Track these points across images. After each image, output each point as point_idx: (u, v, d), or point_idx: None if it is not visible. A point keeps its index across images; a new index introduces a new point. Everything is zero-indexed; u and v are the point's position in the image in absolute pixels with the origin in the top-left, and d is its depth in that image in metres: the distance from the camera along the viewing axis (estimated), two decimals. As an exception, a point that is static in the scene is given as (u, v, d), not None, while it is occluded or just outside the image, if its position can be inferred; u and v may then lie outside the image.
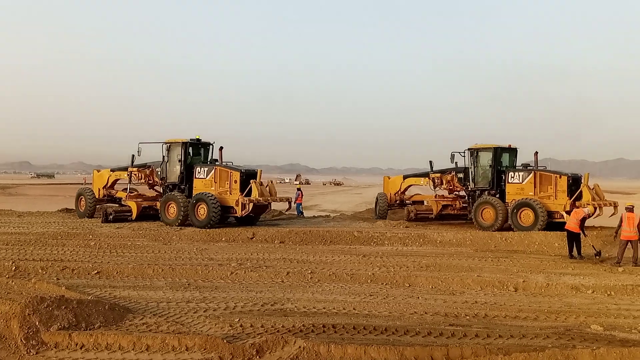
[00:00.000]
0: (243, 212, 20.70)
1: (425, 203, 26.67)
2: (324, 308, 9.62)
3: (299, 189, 30.09)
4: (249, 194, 20.82)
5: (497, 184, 22.55)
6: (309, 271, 12.67)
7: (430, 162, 25.67)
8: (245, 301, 10.04)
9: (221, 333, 7.94)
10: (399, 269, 13.35)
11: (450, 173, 24.48)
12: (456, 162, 23.45)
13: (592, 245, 15.70)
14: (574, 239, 15.66)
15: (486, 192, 22.63)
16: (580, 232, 15.65)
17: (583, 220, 15.80)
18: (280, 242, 17.75)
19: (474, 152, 23.19)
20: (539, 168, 22.48)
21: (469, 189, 23.66)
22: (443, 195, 25.41)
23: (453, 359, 6.20)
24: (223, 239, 18.29)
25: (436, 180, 24.94)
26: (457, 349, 6.53)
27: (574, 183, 21.05)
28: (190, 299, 10.15)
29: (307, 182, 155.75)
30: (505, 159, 23.16)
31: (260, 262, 14.08)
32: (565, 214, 18.09)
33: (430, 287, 11.68)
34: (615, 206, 21.02)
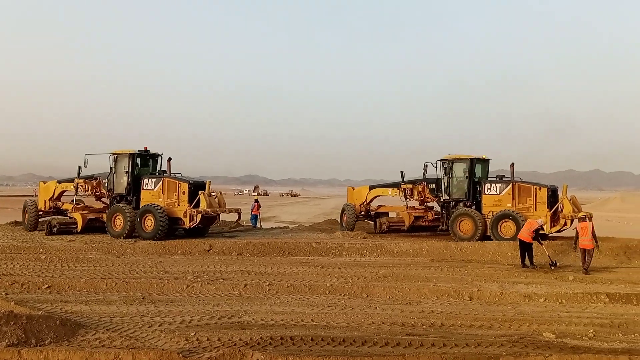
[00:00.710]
0: (191, 224, 20.56)
1: (395, 214, 26.41)
2: (282, 320, 9.58)
3: (255, 200, 29.90)
4: (197, 205, 20.66)
5: (473, 195, 22.41)
6: (267, 283, 12.60)
7: (402, 172, 25.07)
8: (202, 314, 9.90)
9: (177, 347, 7.81)
10: (357, 279, 13.40)
11: (421, 184, 24.03)
12: (423, 173, 23.40)
13: (548, 255, 16.11)
14: (526, 249, 16.06)
15: (461, 204, 22.44)
16: (532, 242, 16.09)
17: (537, 231, 16.23)
18: (237, 254, 17.59)
19: (449, 163, 22.92)
20: (515, 179, 22.19)
21: (442, 200, 23.39)
22: (414, 206, 25.09)
23: (408, 369, 6.26)
24: (179, 251, 18.00)
25: (407, 191, 24.28)
26: (414, 358, 6.60)
27: (553, 195, 21.17)
28: (145, 313, 9.95)
29: (266, 194, 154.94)
30: (479, 170, 23.06)
31: (217, 274, 13.92)
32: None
33: (388, 297, 11.77)
34: (590, 218, 21.10)
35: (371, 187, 26.72)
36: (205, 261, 16.13)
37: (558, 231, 20.61)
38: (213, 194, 21.93)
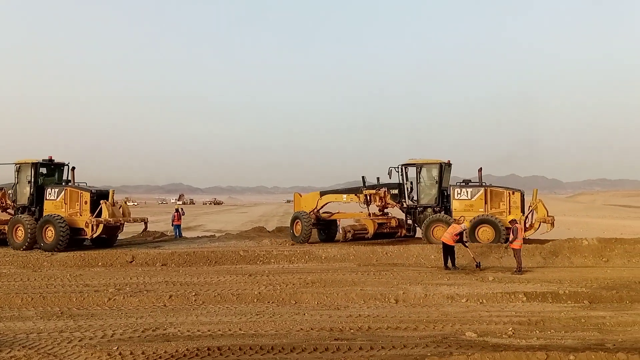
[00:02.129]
0: (92, 234, 20.17)
1: (355, 221, 25.18)
2: (209, 330, 9.39)
3: (177, 209, 29.13)
4: (99, 214, 20.24)
5: (441, 201, 22.23)
6: (193, 293, 12.34)
7: (363, 177, 24.15)
8: (125, 328, 9.56)
9: (98, 363, 7.50)
10: (285, 286, 13.36)
11: (382, 189, 23.24)
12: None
13: (473, 257, 16.69)
14: (449, 251, 16.58)
15: (430, 209, 22.21)
16: (455, 245, 16.64)
17: (460, 234, 16.82)
18: (162, 265, 17.14)
19: (418, 168, 22.51)
20: (484, 184, 22.20)
21: (405, 206, 23.00)
22: (374, 213, 24.38)
23: (338, 373, 6.29)
24: (99, 263, 17.33)
25: (369, 197, 23.39)
26: (342, 362, 6.64)
27: (522, 199, 21.41)
28: (64, 329, 9.50)
29: (192, 202, 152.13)
30: (446, 175, 22.73)
31: (140, 286, 13.49)
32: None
33: (316, 303, 11.80)
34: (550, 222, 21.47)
35: (322, 193, 25.55)
36: (127, 273, 15.61)
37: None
38: (117, 203, 21.63)
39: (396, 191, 23.38)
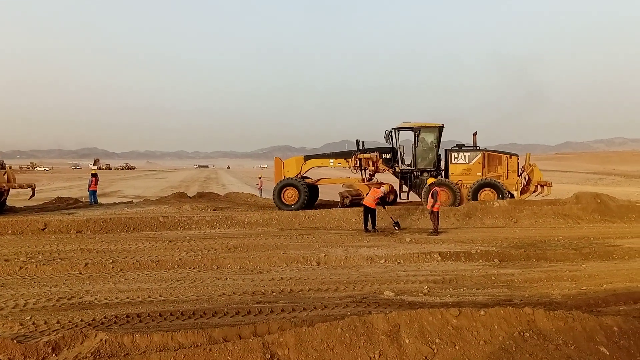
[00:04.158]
0: None
1: (345, 187, 24.22)
2: (128, 298, 9.19)
3: (93, 175, 27.94)
4: None
5: (437, 165, 22.17)
6: (110, 261, 11.99)
7: (357, 140, 23.34)
8: (38, 297, 9.19)
9: (10, 333, 7.17)
10: (207, 252, 13.26)
11: (374, 153, 22.62)
12: (386, 141, 22.35)
13: (391, 217, 17.22)
14: (369, 213, 16.98)
15: (426, 174, 22.05)
16: (376, 208, 17.07)
17: (381, 198, 17.25)
18: (77, 232, 16.50)
19: (416, 131, 22.07)
20: (479, 148, 22.24)
21: (399, 170, 22.65)
22: (364, 178, 23.50)
23: (261, 335, 6.33)
24: (9, 231, 16.44)
25: (363, 162, 22.69)
26: (264, 325, 6.68)
27: (517, 163, 21.75)
28: (-29, 300, 9.00)
29: (108, 167, 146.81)
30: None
31: (54, 254, 12.96)
32: (539, 187, 20.59)
33: (239, 267, 11.80)
34: (550, 185, 22.08)
35: (306, 158, 24.44)
36: (40, 241, 14.94)
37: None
38: (2, 169, 20.76)
39: (388, 155, 22.97)
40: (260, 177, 40.50)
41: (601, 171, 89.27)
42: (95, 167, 30.80)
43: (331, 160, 23.95)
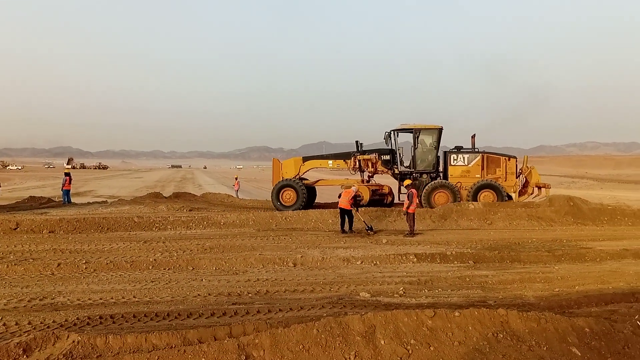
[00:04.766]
0: None
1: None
2: (101, 299, 9.07)
3: (66, 174, 27.45)
4: None
5: (437, 167, 22.16)
6: (84, 261, 11.82)
7: (357, 142, 23.19)
8: (9, 298, 9.02)
9: (-21, 336, 7.02)
10: (182, 252, 13.14)
11: (373, 154, 22.60)
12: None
13: (364, 221, 17.25)
14: (345, 215, 17.01)
15: (426, 175, 22.02)
16: (352, 209, 17.12)
17: (354, 198, 17.28)
18: (49, 232, 16.21)
19: (416, 133, 22.03)
20: (478, 150, 22.36)
21: (398, 172, 22.59)
22: (363, 179, 23.42)
23: (236, 336, 6.29)
24: (-21, 231, 16.11)
25: (362, 163, 22.60)
26: (240, 326, 6.64)
27: (516, 165, 21.91)
28: (-61, 301, 8.79)
29: (82, 166, 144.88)
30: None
31: (25, 254, 12.72)
32: (537, 189, 21.04)
33: (214, 268, 11.72)
34: (548, 187, 22.38)
35: (305, 159, 24.34)
36: (11, 240, 14.66)
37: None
38: None
39: (387, 157, 22.94)
40: (236, 178, 40.30)
41: (574, 174, 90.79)
42: (69, 166, 30.30)
43: (330, 162, 23.87)
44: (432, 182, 21.72)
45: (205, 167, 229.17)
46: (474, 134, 23.22)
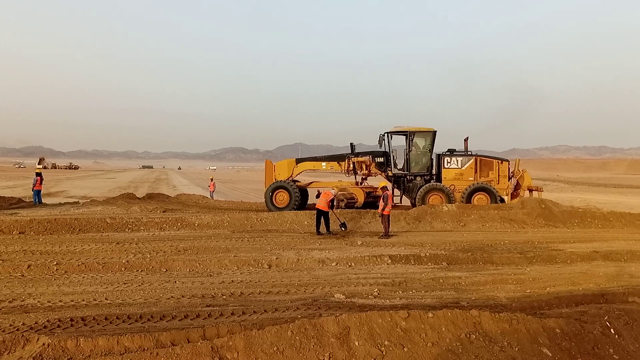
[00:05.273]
0: None
1: (339, 190, 23.02)
2: (72, 301, 8.93)
3: (37, 174, 26.93)
4: None
5: (431, 169, 22.18)
6: (54, 263, 11.62)
7: (352, 144, 23.22)
8: (-23, 300, 8.82)
9: (-56, 339, 6.84)
10: (156, 254, 13.00)
11: (367, 157, 22.73)
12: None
13: (338, 218, 17.35)
14: (322, 216, 17.05)
15: (419, 178, 22.05)
16: (329, 210, 17.18)
17: (332, 200, 17.37)
18: (19, 233, 15.89)
19: (410, 135, 22.06)
20: (471, 153, 22.50)
21: (392, 174, 22.59)
22: (357, 181, 23.45)
23: (210, 339, 6.25)
24: (-54, 232, 15.72)
25: (356, 165, 22.66)
26: (214, 328, 6.60)
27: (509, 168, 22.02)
28: None
29: (54, 166, 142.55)
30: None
31: (-6, 255, 12.46)
32: (529, 192, 21.16)
33: (188, 270, 11.63)
34: (541, 190, 22.68)
35: (298, 161, 24.34)
36: (-21, 242, 14.33)
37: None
38: None
39: (381, 159, 22.99)
40: (212, 179, 40.03)
41: (546, 177, 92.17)
42: (40, 166, 29.76)
43: (323, 164, 23.95)
44: (426, 185, 21.88)
45: (179, 168, 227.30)
46: (467, 137, 23.44)
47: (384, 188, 17.60)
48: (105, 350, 6.16)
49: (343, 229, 16.97)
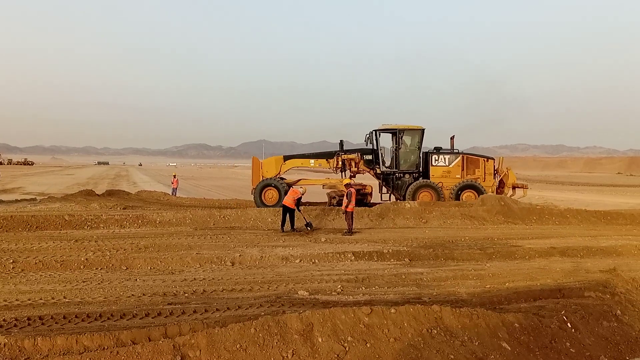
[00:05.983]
0: None
1: (328, 187, 23.50)
2: (29, 299, 8.71)
3: None
4: None
5: (419, 167, 22.25)
6: (11, 261, 11.31)
7: (341, 141, 23.24)
8: None
9: None
10: (116, 252, 12.77)
11: (356, 154, 22.69)
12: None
13: (304, 217, 17.37)
14: (288, 213, 17.02)
15: (408, 175, 22.09)
16: (295, 208, 17.16)
17: (298, 198, 17.35)
18: (-27, 231, 15.41)
19: (399, 133, 22.12)
20: (457, 151, 22.65)
21: (380, 172, 22.61)
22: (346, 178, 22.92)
23: (171, 337, 6.18)
24: None
25: (346, 163, 22.66)
26: (175, 326, 6.53)
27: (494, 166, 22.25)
28: None
29: (10, 162, 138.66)
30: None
31: (-54, 254, 12.04)
32: (512, 190, 21.72)
33: (149, 268, 11.47)
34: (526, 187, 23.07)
35: (286, 158, 23.86)
36: None
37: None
38: None
39: (369, 157, 23.00)
40: (175, 176, 39.49)
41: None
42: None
43: (312, 161, 23.77)
44: (416, 182, 22.13)
45: (140, 165, 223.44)
46: (453, 135, 23.76)
47: (348, 185, 17.70)
48: (64, 349, 6.04)
49: (308, 229, 16.97)
